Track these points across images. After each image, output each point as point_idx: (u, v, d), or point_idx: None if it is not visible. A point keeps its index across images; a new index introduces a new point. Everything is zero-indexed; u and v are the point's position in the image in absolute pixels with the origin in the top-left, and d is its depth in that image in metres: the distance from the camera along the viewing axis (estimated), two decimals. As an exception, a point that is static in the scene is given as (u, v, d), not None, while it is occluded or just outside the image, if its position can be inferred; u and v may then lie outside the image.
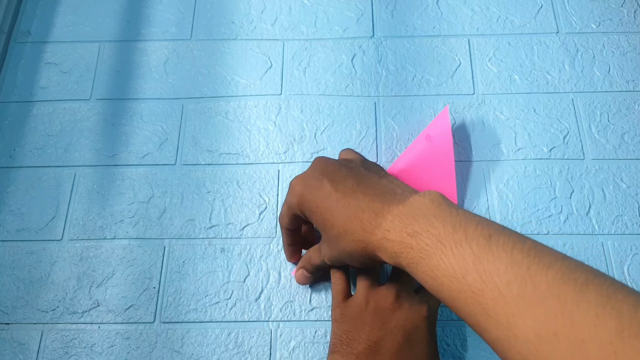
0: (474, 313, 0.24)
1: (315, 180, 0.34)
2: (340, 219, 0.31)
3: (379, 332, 0.33)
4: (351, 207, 0.31)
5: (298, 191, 0.35)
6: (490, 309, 0.24)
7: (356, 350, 0.33)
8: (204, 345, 0.39)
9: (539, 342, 0.21)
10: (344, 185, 0.32)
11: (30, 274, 0.42)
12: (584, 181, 0.44)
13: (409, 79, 0.49)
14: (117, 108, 0.48)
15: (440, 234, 0.27)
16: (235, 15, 0.52)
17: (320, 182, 0.33)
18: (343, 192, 0.32)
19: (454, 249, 0.26)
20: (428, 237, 0.27)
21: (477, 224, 0.26)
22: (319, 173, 0.34)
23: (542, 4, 0.52)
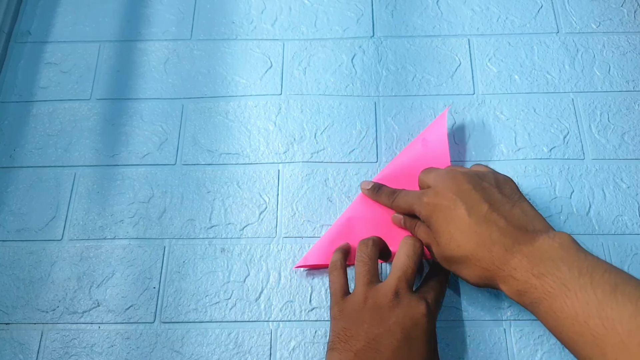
0: (592, 356, 0.26)
1: (448, 200, 0.35)
2: (469, 244, 0.33)
3: (378, 329, 0.33)
4: (483, 236, 0.32)
5: (430, 205, 0.36)
6: (609, 354, 0.25)
7: (355, 348, 0.33)
8: (204, 345, 0.39)
9: None
10: (478, 211, 0.33)
11: (30, 274, 0.42)
12: (584, 181, 0.44)
13: (409, 79, 0.49)
14: (117, 108, 0.48)
15: (566, 278, 0.28)
16: (235, 15, 0.52)
17: (453, 204, 0.34)
18: (476, 219, 0.33)
19: (579, 294, 0.27)
20: (553, 280, 0.28)
21: (604, 271, 0.28)
22: (452, 193, 0.35)
23: (542, 4, 0.52)
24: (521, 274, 0.30)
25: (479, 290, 0.40)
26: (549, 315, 0.29)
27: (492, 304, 0.40)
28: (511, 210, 0.34)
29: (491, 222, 0.33)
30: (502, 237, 0.32)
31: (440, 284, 0.38)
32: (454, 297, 0.40)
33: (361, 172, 0.45)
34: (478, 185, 0.35)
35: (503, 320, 0.39)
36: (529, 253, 0.31)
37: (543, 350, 0.38)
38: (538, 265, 0.30)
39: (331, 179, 0.45)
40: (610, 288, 0.26)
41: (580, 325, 0.26)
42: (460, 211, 0.34)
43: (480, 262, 0.33)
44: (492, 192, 0.35)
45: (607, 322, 0.25)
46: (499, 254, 0.32)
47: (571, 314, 0.27)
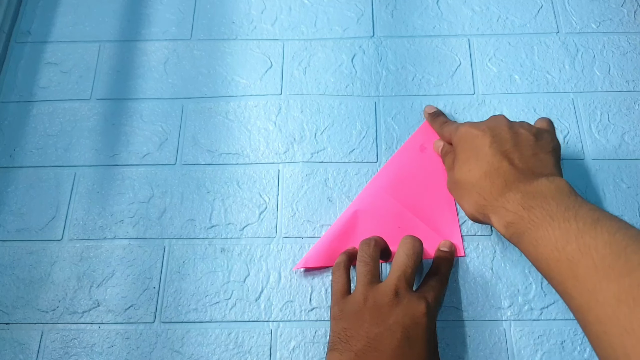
0: (565, 280, 0.28)
1: (481, 130, 0.37)
2: (478, 171, 0.35)
3: (378, 328, 0.33)
4: (492, 167, 0.35)
5: (463, 132, 0.38)
6: (580, 275, 0.26)
7: (355, 348, 0.33)
8: (204, 345, 0.39)
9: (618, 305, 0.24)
10: (500, 145, 0.35)
11: (30, 274, 0.42)
12: (584, 181, 0.44)
13: (409, 79, 0.49)
14: (117, 108, 0.48)
15: (553, 211, 0.30)
16: (235, 15, 0.52)
17: (484, 133, 0.37)
18: (495, 151, 0.35)
19: (561, 224, 0.29)
20: (540, 212, 0.30)
21: (589, 209, 0.29)
22: (487, 125, 0.37)
23: (542, 4, 0.52)
24: (512, 206, 0.32)
25: (479, 290, 0.40)
26: (531, 243, 0.30)
27: (492, 304, 0.40)
28: (530, 157, 0.35)
29: (506, 159, 0.34)
30: (507, 174, 0.34)
31: (441, 284, 0.38)
32: (454, 297, 0.40)
33: (361, 172, 0.45)
34: (513, 128, 0.37)
35: (503, 320, 0.39)
36: (524, 189, 0.32)
37: (543, 350, 0.38)
38: (529, 200, 0.31)
39: (331, 179, 0.45)
40: (592, 220, 0.28)
41: (558, 251, 0.28)
42: (485, 140, 0.36)
43: (480, 190, 0.35)
44: (524, 137, 0.36)
45: (583, 248, 0.27)
46: (499, 186, 0.33)
47: (551, 240, 0.29)
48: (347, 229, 0.42)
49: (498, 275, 0.41)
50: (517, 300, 0.40)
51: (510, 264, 0.41)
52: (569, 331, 0.39)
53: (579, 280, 0.26)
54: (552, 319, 0.39)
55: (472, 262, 0.41)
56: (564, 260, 0.28)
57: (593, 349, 0.26)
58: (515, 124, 0.38)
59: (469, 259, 0.41)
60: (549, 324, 0.39)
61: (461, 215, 0.43)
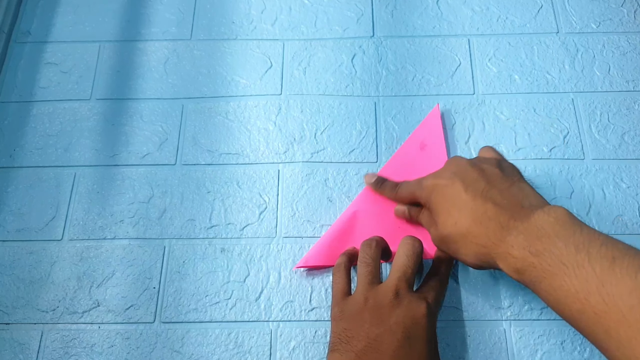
0: (595, 333, 0.26)
1: (446, 179, 0.36)
2: (466, 221, 0.33)
3: (378, 329, 0.33)
4: (479, 212, 0.33)
5: (429, 186, 0.37)
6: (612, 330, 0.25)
7: (356, 348, 0.33)
8: (204, 345, 0.39)
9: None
10: (474, 189, 0.34)
11: (30, 274, 0.42)
12: (584, 181, 0.44)
13: (409, 79, 0.49)
14: (117, 108, 0.48)
15: (563, 255, 0.28)
16: (235, 15, 0.52)
17: (451, 182, 0.35)
18: (473, 195, 0.33)
19: (577, 271, 0.27)
20: (550, 257, 0.28)
21: (600, 244, 0.27)
22: (450, 172, 0.36)
23: (542, 4, 0.52)
24: (518, 252, 0.30)
25: (479, 290, 0.40)
26: (550, 293, 0.28)
27: (492, 304, 0.40)
28: (509, 189, 0.34)
29: (487, 199, 0.33)
30: (497, 214, 0.32)
31: (441, 284, 0.38)
32: (454, 297, 0.40)
33: (361, 172, 0.45)
34: (477, 165, 0.36)
35: (503, 320, 0.39)
36: (525, 230, 0.30)
37: (543, 350, 0.38)
38: (535, 243, 0.29)
39: (331, 179, 0.45)
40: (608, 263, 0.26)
41: (581, 302, 0.26)
42: (457, 188, 0.34)
43: (476, 239, 0.33)
44: (491, 171, 0.35)
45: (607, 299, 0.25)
46: (495, 230, 0.31)
47: (571, 291, 0.27)
48: (347, 228, 0.42)
49: (498, 275, 0.41)
50: (517, 300, 0.40)
51: (510, 264, 0.41)
52: (569, 331, 0.39)
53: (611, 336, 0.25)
54: (552, 319, 0.39)
55: (472, 262, 0.41)
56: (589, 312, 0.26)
57: None
58: (474, 161, 0.37)
59: (469, 259, 0.41)
60: (549, 324, 0.39)
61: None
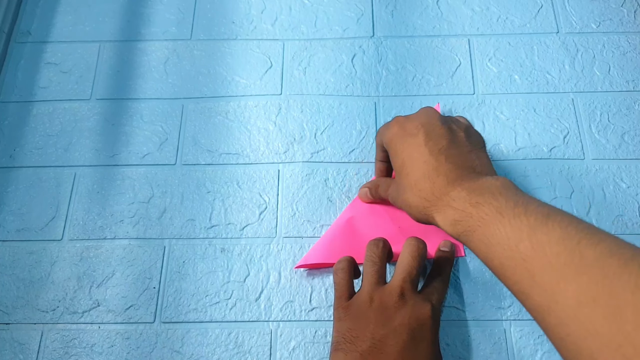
0: (520, 279, 0.26)
1: (413, 127, 0.35)
2: (417, 172, 0.33)
3: (383, 330, 0.33)
4: (430, 166, 0.33)
5: (394, 130, 0.36)
6: (537, 275, 0.25)
7: (360, 349, 0.33)
8: (204, 345, 0.39)
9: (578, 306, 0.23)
10: (435, 143, 0.34)
11: (30, 274, 0.42)
12: (584, 181, 0.44)
13: (409, 79, 0.49)
14: (117, 108, 0.48)
15: (502, 207, 0.28)
16: (235, 15, 0.52)
17: (416, 131, 0.35)
18: (430, 149, 0.33)
19: (512, 220, 0.27)
20: (489, 208, 0.29)
21: (538, 204, 0.28)
22: (419, 122, 0.35)
23: (542, 3, 0.52)
24: (459, 204, 0.30)
25: (480, 290, 0.40)
26: (482, 242, 0.29)
27: (492, 304, 0.40)
28: (468, 153, 0.34)
29: (443, 157, 0.33)
30: (448, 171, 0.32)
31: (444, 285, 0.38)
32: (454, 297, 0.40)
33: (361, 172, 0.45)
34: (445, 123, 0.35)
35: (503, 320, 0.39)
36: (469, 187, 0.31)
37: (543, 350, 0.38)
38: (476, 197, 0.30)
39: (331, 179, 0.45)
40: (543, 216, 0.27)
41: (511, 249, 0.26)
42: (420, 139, 0.34)
43: (421, 192, 0.33)
44: (457, 134, 0.35)
45: (536, 245, 0.25)
46: (441, 185, 0.32)
47: (503, 238, 0.27)
48: (348, 228, 0.42)
49: (498, 275, 0.41)
50: (517, 301, 0.40)
51: (510, 264, 0.41)
52: (569, 331, 0.39)
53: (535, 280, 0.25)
54: (552, 319, 0.39)
55: (472, 262, 0.41)
56: (518, 259, 0.26)
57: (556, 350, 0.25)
58: (447, 119, 0.36)
59: (469, 258, 0.41)
60: (549, 324, 0.39)
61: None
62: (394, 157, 0.36)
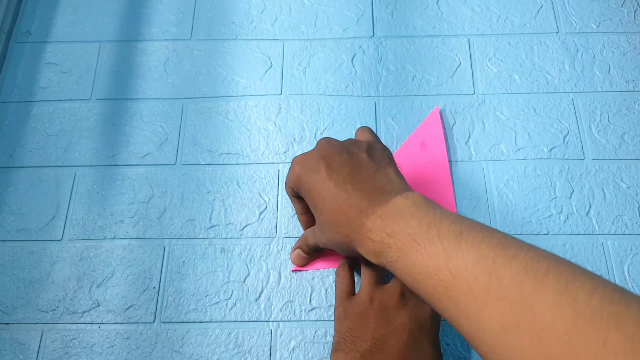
0: (447, 308, 0.25)
1: (314, 162, 0.34)
2: (329, 209, 0.32)
3: (384, 330, 0.33)
4: (340, 199, 0.31)
5: (297, 171, 0.35)
6: (461, 303, 0.24)
7: (361, 349, 0.33)
8: (204, 345, 0.39)
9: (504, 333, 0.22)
10: (339, 174, 0.32)
11: (30, 274, 0.42)
12: (584, 181, 0.44)
13: (409, 79, 0.49)
14: (117, 108, 0.48)
15: (416, 233, 0.27)
16: (235, 15, 0.52)
17: (317, 166, 0.33)
18: (336, 182, 0.32)
19: (427, 247, 0.26)
20: (404, 236, 0.28)
21: (450, 222, 0.27)
22: (319, 155, 0.34)
23: (542, 4, 0.52)
24: (376, 235, 0.29)
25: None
26: (405, 272, 0.28)
27: (492, 304, 0.40)
28: (374, 174, 0.32)
29: (349, 186, 0.32)
30: (358, 200, 0.31)
31: None
32: (454, 297, 0.40)
33: (361, 172, 0.45)
34: (345, 149, 0.34)
35: (503, 320, 0.39)
36: (383, 213, 0.30)
37: (543, 350, 0.38)
38: (391, 225, 0.29)
39: (331, 179, 0.45)
40: (455, 237, 0.26)
41: (432, 278, 0.26)
42: (322, 174, 0.33)
43: (339, 228, 0.32)
44: (358, 156, 0.33)
45: (454, 271, 0.25)
46: (355, 217, 0.31)
47: (423, 268, 0.26)
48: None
49: (498, 275, 0.41)
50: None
51: (510, 264, 0.41)
52: (569, 331, 0.39)
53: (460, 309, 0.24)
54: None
55: (472, 262, 0.41)
56: (440, 287, 0.25)
57: None
58: (345, 144, 0.35)
59: (469, 259, 0.41)
60: (549, 324, 0.39)
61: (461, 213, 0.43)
62: (306, 198, 0.35)
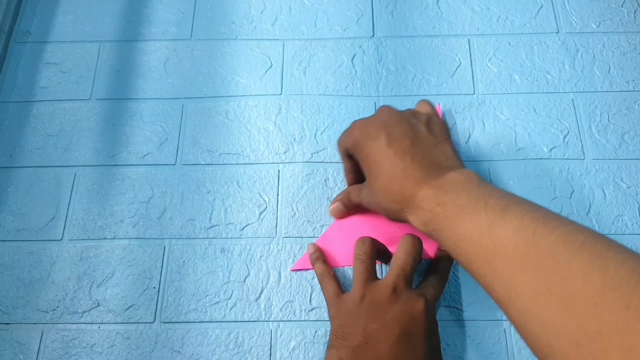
0: (484, 273, 0.27)
1: (374, 130, 0.35)
2: (385, 176, 0.34)
3: (375, 325, 0.33)
4: (397, 168, 0.33)
5: (356, 135, 0.36)
6: (498, 268, 0.26)
7: (352, 344, 0.33)
8: (204, 345, 0.39)
9: (535, 297, 0.24)
10: (398, 144, 0.34)
11: (30, 274, 0.42)
12: (584, 181, 0.44)
13: (409, 79, 0.49)
14: (117, 108, 0.48)
15: (464, 204, 0.29)
16: (235, 15, 0.52)
17: (378, 134, 0.35)
18: (395, 151, 0.34)
19: (473, 217, 0.28)
20: (453, 206, 0.30)
21: (497, 197, 0.29)
22: (380, 123, 0.35)
23: (542, 3, 0.52)
24: (427, 204, 0.31)
25: (479, 290, 0.40)
26: (449, 239, 0.30)
27: (492, 304, 0.40)
28: (431, 149, 0.34)
29: (408, 157, 0.33)
30: (415, 172, 0.33)
31: (440, 281, 0.38)
32: (454, 297, 0.40)
33: (361, 172, 0.45)
34: (405, 120, 0.36)
35: (503, 320, 0.39)
36: (436, 185, 0.32)
37: (543, 350, 0.38)
38: (442, 196, 0.31)
39: (331, 179, 0.45)
40: (500, 209, 0.28)
41: (475, 245, 0.28)
42: (382, 142, 0.34)
43: (392, 195, 0.33)
44: (418, 129, 0.35)
45: (496, 240, 0.27)
46: (409, 187, 0.32)
47: (467, 235, 0.28)
48: (345, 229, 0.42)
49: (498, 275, 0.41)
50: (517, 300, 0.40)
51: (510, 264, 0.41)
52: (569, 331, 0.39)
53: (496, 274, 0.27)
54: (552, 319, 0.39)
55: (472, 262, 0.41)
56: (481, 254, 0.27)
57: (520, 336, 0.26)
58: (405, 115, 0.36)
59: (469, 259, 0.41)
60: (549, 324, 0.39)
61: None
62: (360, 162, 0.36)
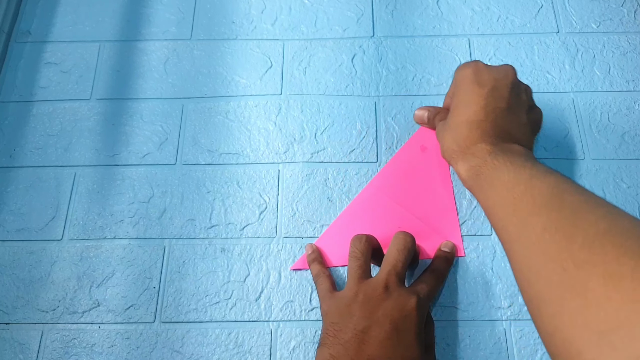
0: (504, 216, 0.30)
1: (486, 78, 0.37)
2: (463, 117, 0.37)
3: (366, 321, 0.33)
4: (478, 117, 0.36)
5: (468, 73, 0.38)
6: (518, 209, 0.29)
7: (342, 340, 0.33)
8: (204, 345, 0.39)
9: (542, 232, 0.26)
10: (496, 102, 0.36)
11: (30, 274, 0.42)
12: (584, 181, 0.44)
13: (409, 79, 0.49)
14: (117, 108, 0.48)
15: (515, 161, 0.32)
16: (235, 15, 0.52)
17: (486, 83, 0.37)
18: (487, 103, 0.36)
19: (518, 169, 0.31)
20: (503, 158, 0.33)
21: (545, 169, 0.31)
22: (493, 76, 0.37)
23: (542, 3, 0.52)
24: (480, 154, 0.34)
25: (479, 290, 0.40)
26: (485, 182, 0.33)
27: (492, 304, 0.40)
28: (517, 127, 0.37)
29: (493, 116, 0.36)
30: (489, 129, 0.35)
31: (435, 279, 0.38)
32: (454, 297, 0.40)
33: (361, 172, 0.45)
34: (517, 90, 0.37)
35: (503, 320, 0.39)
36: (498, 145, 0.35)
37: (543, 350, 0.38)
38: (498, 152, 0.34)
39: (331, 179, 0.45)
40: (545, 171, 0.31)
41: (507, 190, 0.31)
42: (484, 91, 0.36)
43: (457, 135, 0.36)
44: (521, 107, 0.37)
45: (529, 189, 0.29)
46: (475, 136, 0.35)
47: (504, 181, 0.31)
48: (345, 230, 0.42)
49: (498, 275, 0.41)
50: (517, 300, 0.40)
51: (510, 264, 0.41)
52: (569, 331, 0.39)
53: (515, 216, 0.29)
54: (552, 319, 0.39)
55: (472, 262, 0.41)
56: (509, 198, 0.30)
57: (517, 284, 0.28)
58: (520, 87, 0.38)
59: (469, 259, 0.41)
60: (549, 324, 0.39)
61: (461, 216, 0.43)
62: (456, 94, 0.38)
